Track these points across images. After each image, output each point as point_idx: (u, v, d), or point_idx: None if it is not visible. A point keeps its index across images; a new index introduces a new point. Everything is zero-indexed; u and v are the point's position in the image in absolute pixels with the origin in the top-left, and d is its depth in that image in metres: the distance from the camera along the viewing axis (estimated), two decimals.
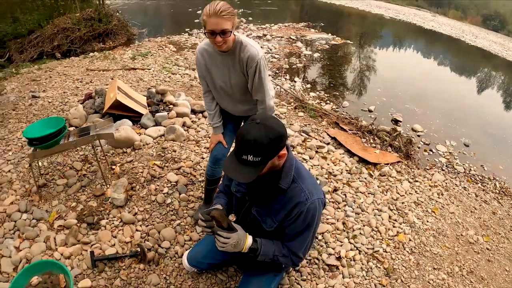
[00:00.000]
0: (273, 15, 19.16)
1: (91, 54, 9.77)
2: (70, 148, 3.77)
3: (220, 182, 3.16)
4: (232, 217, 2.71)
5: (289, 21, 16.87)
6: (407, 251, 3.33)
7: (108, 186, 3.59)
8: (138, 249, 2.88)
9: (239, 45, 2.46)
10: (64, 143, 3.37)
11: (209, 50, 2.61)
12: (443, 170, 5.09)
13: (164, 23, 17.36)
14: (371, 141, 5.25)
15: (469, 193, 4.61)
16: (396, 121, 6.74)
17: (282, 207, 2.06)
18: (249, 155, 1.77)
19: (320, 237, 3.27)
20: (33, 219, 3.24)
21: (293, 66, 9.82)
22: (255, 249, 2.10)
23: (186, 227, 3.23)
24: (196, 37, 12.67)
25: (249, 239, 2.10)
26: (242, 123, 3.13)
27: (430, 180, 4.64)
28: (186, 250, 2.87)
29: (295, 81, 8.52)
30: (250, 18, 16.90)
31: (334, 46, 12.48)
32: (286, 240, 2.16)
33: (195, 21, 16.25)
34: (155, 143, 4.39)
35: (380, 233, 3.46)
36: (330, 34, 14.05)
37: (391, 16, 22.49)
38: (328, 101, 7.39)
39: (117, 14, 13.07)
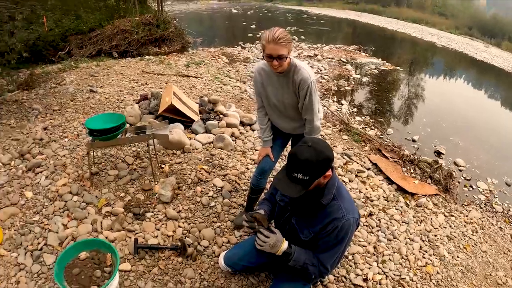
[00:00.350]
0: (325, 36, 19.46)
1: (147, 57, 10.41)
2: (126, 143, 4.19)
3: (264, 192, 3.44)
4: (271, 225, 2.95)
5: (341, 43, 17.11)
6: (433, 283, 3.41)
7: (156, 182, 3.95)
8: (179, 244, 3.18)
9: (294, 67, 2.79)
10: (121, 138, 3.77)
11: (266, 70, 2.95)
12: (480, 207, 5.08)
13: (218, 34, 17.99)
14: (412, 171, 5.34)
15: (504, 234, 4.58)
16: (438, 153, 6.75)
17: (320, 220, 2.32)
18: (299, 174, 2.07)
19: (350, 257, 3.44)
20: (82, 202, 3.64)
21: (341, 89, 10.07)
22: (288, 253, 2.35)
23: (226, 230, 3.50)
24: (248, 51, 13.16)
25: (285, 244, 2.36)
26: (290, 141, 3.42)
27: (466, 216, 4.66)
28: (223, 251, 3.11)
29: (342, 104, 8.76)
30: (303, 37, 17.27)
31: (384, 72, 12.61)
32: (318, 252, 2.39)
33: (249, 35, 16.75)
34: (203, 148, 4.76)
35: (409, 262, 3.57)
36: (380, 59, 14.21)
37: (443, 45, 22.17)
38: (373, 127, 7.55)
39: (174, 21, 13.81)
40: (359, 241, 3.66)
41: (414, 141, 7.24)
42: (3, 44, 5.43)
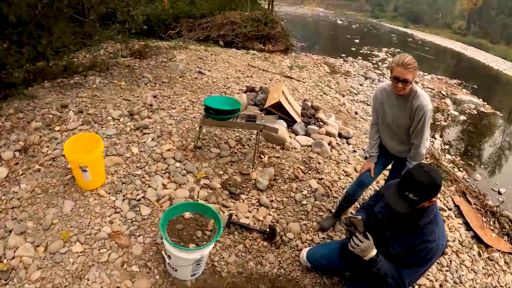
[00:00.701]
0: (427, 63, 19.02)
1: (252, 51, 10.95)
2: (236, 127, 4.65)
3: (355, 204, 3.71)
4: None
5: (442, 74, 16.57)
6: None
7: (254, 169, 4.34)
8: (267, 229, 3.51)
9: (414, 93, 3.05)
10: (233, 121, 4.20)
11: (387, 90, 3.25)
12: None
13: (321, 42, 18.30)
14: (491, 223, 5.28)
15: None
16: None
17: (413, 239, 2.55)
18: (410, 193, 2.33)
19: (416, 287, 3.59)
20: (183, 169, 4.12)
21: (437, 122, 9.96)
22: (375, 260, 2.59)
23: (311, 229, 3.80)
24: (350, 65, 13.30)
25: (374, 251, 2.61)
26: (392, 163, 3.68)
27: None
28: (305, 247, 3.41)
29: (435, 138, 8.73)
30: None
31: (482, 114, 12.06)
32: (402, 267, 2.60)
33: (352, 49, 16.86)
34: (301, 150, 5.08)
35: None
36: (481, 100, 13.57)
37: None
38: (461, 169, 7.44)
39: (282, 22, 14.27)
40: (428, 275, 3.78)
41: (500, 193, 7.03)
42: (125, 14, 6.13)
